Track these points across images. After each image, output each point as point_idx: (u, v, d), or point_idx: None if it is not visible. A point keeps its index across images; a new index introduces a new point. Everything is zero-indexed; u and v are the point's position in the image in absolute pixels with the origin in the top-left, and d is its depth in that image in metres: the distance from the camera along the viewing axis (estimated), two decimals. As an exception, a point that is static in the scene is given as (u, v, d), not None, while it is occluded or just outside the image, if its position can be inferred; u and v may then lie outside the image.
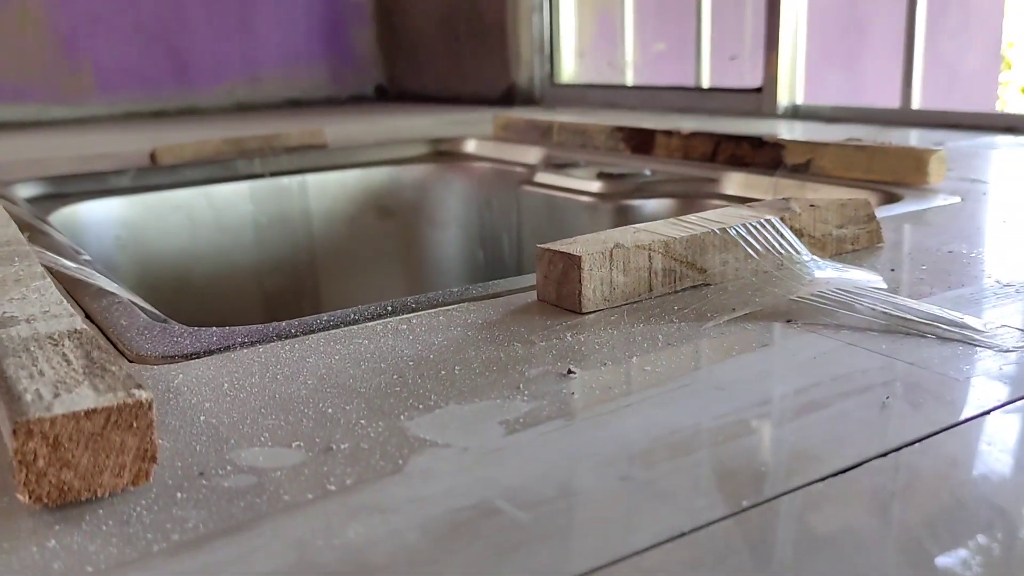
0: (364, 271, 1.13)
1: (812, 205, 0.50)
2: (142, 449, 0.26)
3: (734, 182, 0.81)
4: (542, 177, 0.93)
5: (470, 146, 1.16)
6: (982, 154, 0.86)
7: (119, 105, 1.90)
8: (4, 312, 0.35)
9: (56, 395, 0.26)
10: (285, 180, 1.07)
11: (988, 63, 3.49)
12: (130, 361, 0.37)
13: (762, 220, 0.47)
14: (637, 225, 0.47)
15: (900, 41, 1.20)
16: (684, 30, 1.48)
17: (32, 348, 0.31)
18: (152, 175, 1.01)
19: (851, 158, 0.74)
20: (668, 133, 0.92)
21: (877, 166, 0.72)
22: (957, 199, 0.64)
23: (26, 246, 0.48)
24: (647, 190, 0.84)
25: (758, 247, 0.45)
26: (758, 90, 1.31)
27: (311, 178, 1.08)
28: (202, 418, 0.31)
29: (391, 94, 2.22)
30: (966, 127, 1.08)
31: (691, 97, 1.45)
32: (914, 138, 1.02)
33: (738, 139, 0.84)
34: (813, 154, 0.77)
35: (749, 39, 1.45)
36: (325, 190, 1.09)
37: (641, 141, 0.95)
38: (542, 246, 0.43)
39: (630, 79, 1.64)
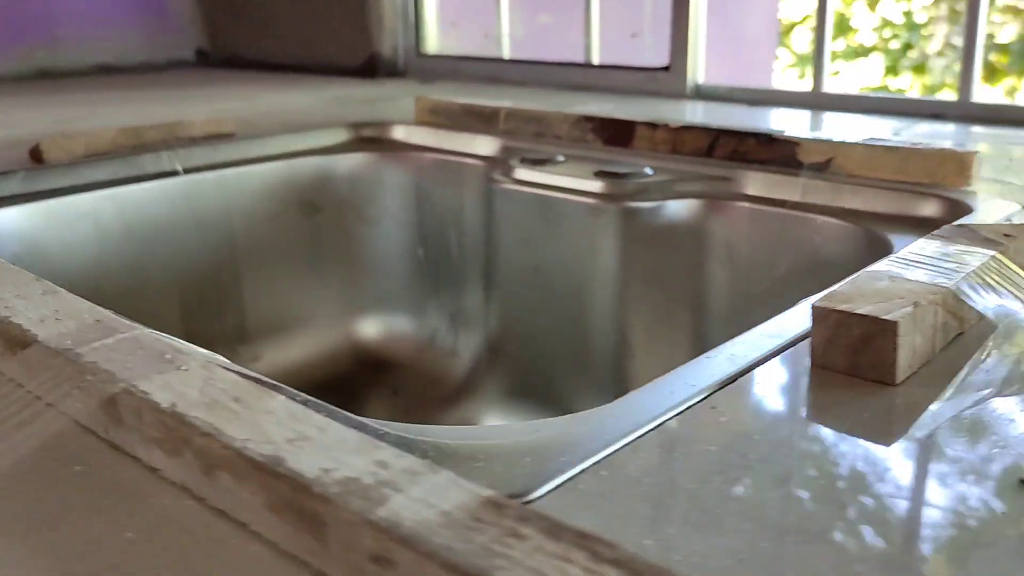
0: (293, 277, 1.00)
1: (1007, 235, 0.48)
2: None
3: (754, 182, 0.78)
4: (523, 174, 0.86)
5: (399, 133, 1.06)
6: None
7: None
8: (325, 469, 0.25)
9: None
10: (200, 177, 0.92)
11: (767, 32, 3.73)
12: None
13: (991, 256, 0.44)
14: (884, 271, 0.42)
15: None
16: (574, 2, 1.44)
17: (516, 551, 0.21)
18: (45, 176, 0.83)
19: (880, 158, 0.74)
20: (652, 125, 0.87)
21: (912, 168, 0.72)
22: (1017, 207, 0.65)
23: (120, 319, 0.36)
24: (657, 190, 0.79)
25: (1016, 292, 0.42)
26: (665, 69, 1.30)
27: (229, 173, 0.94)
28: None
29: (214, 59, 2.01)
30: (884, 112, 1.12)
31: (586, 74, 1.41)
32: (834, 123, 1.05)
33: (741, 134, 0.82)
34: (834, 153, 0.76)
35: (649, 15, 1.43)
36: (244, 186, 0.95)
37: (616, 132, 0.91)
38: (823, 306, 0.38)
39: (507, 52, 1.57)
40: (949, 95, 1.11)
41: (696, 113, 1.16)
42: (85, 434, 0.32)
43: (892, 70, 4.04)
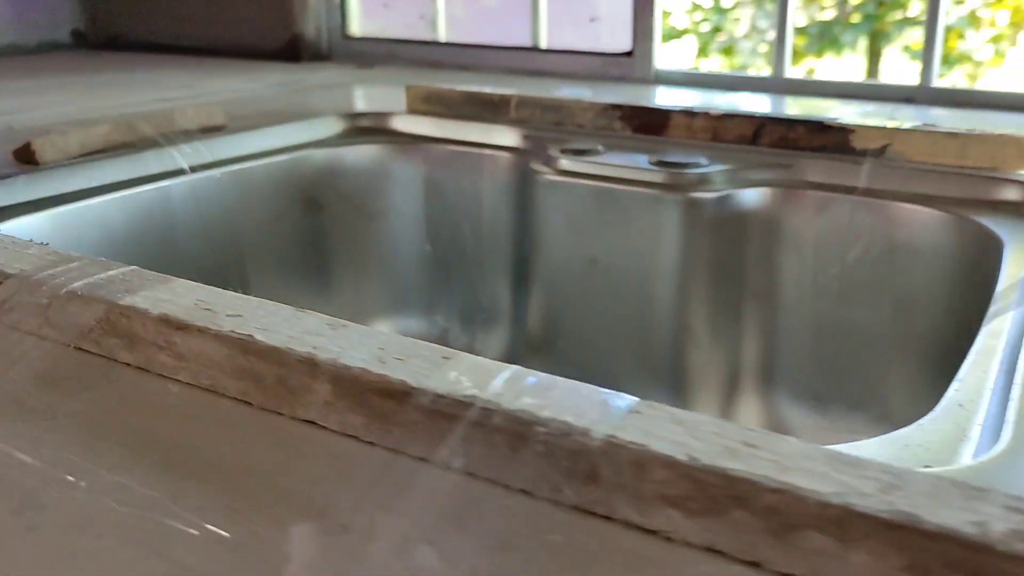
0: (300, 278, 0.93)
1: None
2: None
3: (815, 170, 0.78)
4: (571, 164, 0.83)
5: (399, 123, 1.00)
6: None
7: None
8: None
9: None
10: (206, 175, 0.83)
11: (620, 7, 3.80)
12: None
13: None
14: None
15: None
16: (520, -15, 1.41)
17: None
18: (47, 180, 0.72)
19: (940, 144, 0.76)
20: (689, 113, 0.87)
21: (974, 152, 0.75)
22: (1091, 187, 0.69)
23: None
24: (721, 180, 0.79)
25: None
26: (628, 54, 1.30)
27: (235, 170, 0.85)
28: None
29: (93, 41, 1.83)
30: (845, 97, 1.16)
31: (538, 59, 1.38)
32: (797, 107, 1.08)
33: (789, 121, 0.82)
34: (891, 139, 0.78)
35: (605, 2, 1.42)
36: (250, 183, 0.87)
37: (648, 120, 0.89)
38: None
39: (443, 34, 1.52)
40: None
41: (674, 99, 1.16)
42: (522, 497, 0.28)
43: (703, 51, 4.25)
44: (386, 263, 0.97)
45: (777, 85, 1.23)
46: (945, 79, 3.30)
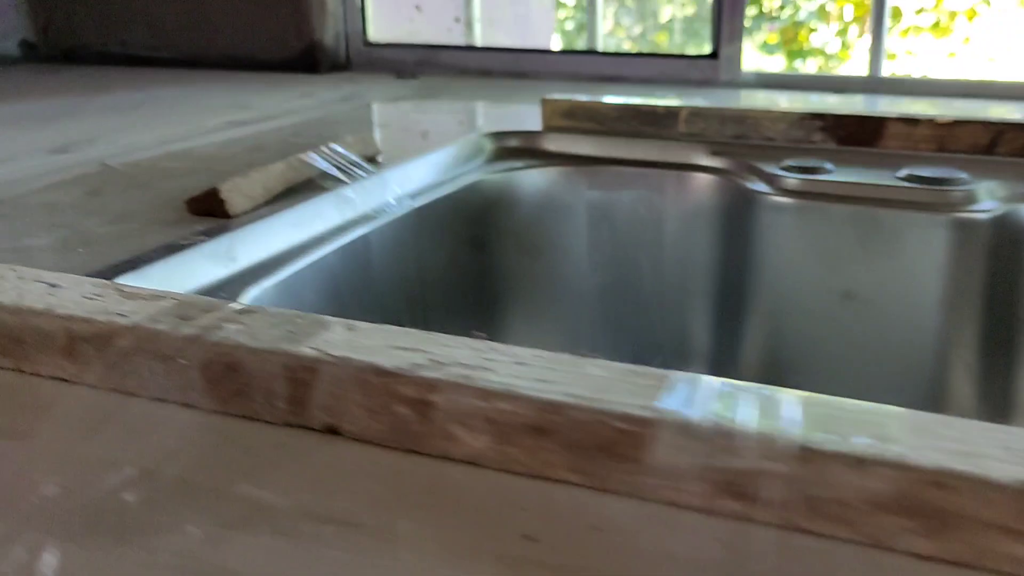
0: (475, 321, 0.79)
1: None
2: None
3: (1085, 178, 0.72)
4: (801, 184, 0.74)
5: (550, 143, 0.87)
6: None
7: None
8: None
9: None
10: (396, 214, 0.69)
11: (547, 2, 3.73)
12: None
13: None
14: None
15: None
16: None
17: None
18: (251, 237, 0.57)
19: None
20: (911, 121, 0.79)
21: None
22: None
23: None
24: (991, 197, 0.71)
25: None
26: (712, 56, 1.21)
27: (416, 206, 0.72)
28: None
29: (46, 53, 1.59)
30: (947, 95, 1.12)
31: (599, 64, 1.28)
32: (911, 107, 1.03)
33: (1034, 128, 0.76)
34: None
35: None
36: (426, 219, 0.73)
37: (857, 130, 0.80)
38: None
39: (479, 39, 1.39)
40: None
41: (767, 101, 1.09)
42: None
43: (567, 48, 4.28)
44: (554, 300, 0.85)
45: (873, 84, 1.17)
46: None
